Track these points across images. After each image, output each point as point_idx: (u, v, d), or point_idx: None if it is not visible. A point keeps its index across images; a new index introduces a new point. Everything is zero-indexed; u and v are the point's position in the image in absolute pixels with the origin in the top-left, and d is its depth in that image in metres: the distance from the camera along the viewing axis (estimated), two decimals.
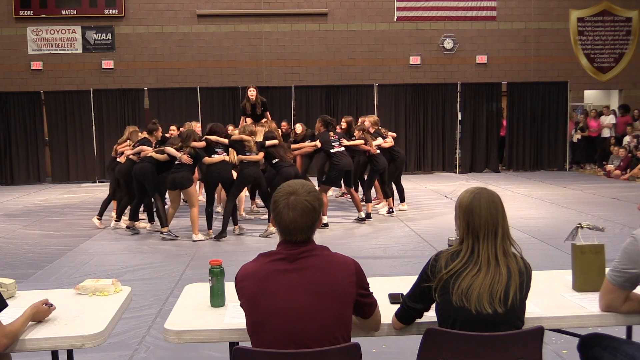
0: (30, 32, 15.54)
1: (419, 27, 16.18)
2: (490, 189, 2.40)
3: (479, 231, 2.30)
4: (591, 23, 16.46)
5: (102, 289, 2.88)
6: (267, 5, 15.87)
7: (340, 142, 8.59)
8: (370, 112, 15.30)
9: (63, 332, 2.42)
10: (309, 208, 2.15)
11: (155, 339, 4.33)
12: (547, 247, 7.04)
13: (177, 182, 7.67)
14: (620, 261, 2.44)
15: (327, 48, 16.09)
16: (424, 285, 2.35)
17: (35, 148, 15.01)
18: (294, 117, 15.07)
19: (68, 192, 13.17)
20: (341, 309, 2.15)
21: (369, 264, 5.87)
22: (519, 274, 2.29)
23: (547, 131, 15.86)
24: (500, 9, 16.25)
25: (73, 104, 15.02)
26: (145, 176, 7.85)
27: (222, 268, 2.72)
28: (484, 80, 16.09)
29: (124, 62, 15.75)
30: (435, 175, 15.34)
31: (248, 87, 10.25)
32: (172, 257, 6.94)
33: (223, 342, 2.52)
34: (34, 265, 6.63)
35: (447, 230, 6.87)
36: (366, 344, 2.56)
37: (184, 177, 7.65)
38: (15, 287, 2.91)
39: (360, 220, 8.76)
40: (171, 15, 15.75)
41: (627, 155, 13.90)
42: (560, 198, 10.75)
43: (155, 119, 10.33)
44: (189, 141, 7.78)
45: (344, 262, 2.21)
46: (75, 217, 9.73)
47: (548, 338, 3.73)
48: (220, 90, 15.34)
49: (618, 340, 2.54)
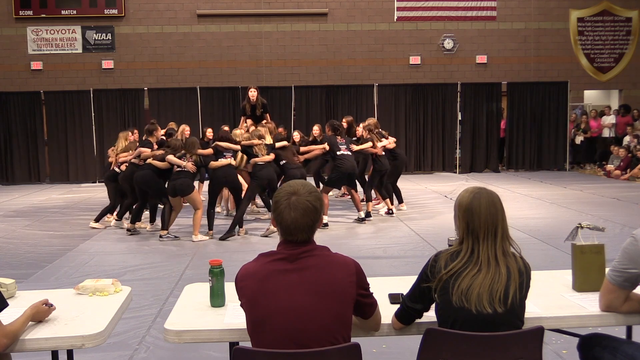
0: (30, 32, 15.54)
1: (419, 27, 16.19)
2: (489, 189, 2.40)
3: (478, 231, 2.30)
4: (591, 23, 16.46)
5: (102, 289, 2.88)
6: (267, 5, 15.87)
7: (350, 147, 8.59)
8: (370, 112, 15.33)
9: (63, 332, 2.42)
10: (310, 208, 2.15)
11: (155, 339, 4.33)
12: (547, 247, 7.04)
13: (178, 189, 7.65)
14: (620, 261, 2.44)
15: (327, 48, 16.09)
16: (423, 285, 2.35)
17: (35, 148, 15.01)
18: (294, 118, 15.09)
19: (68, 192, 13.17)
20: (341, 309, 2.15)
21: (369, 264, 5.87)
22: (518, 273, 2.29)
23: (547, 131, 15.87)
24: (500, 9, 16.25)
25: (73, 104, 15.03)
26: (147, 184, 7.85)
27: (222, 268, 2.72)
28: (484, 80, 16.09)
29: (124, 62, 15.75)
30: (435, 175, 15.34)
31: (249, 88, 10.15)
32: (172, 257, 6.94)
33: (223, 342, 2.52)
34: (34, 265, 6.63)
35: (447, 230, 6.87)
36: (366, 344, 2.56)
37: (184, 183, 7.61)
38: (15, 287, 2.91)
39: (360, 220, 8.76)
40: (171, 15, 15.76)
41: (627, 155, 13.90)
42: (560, 198, 10.75)
43: (153, 119, 10.33)
44: (193, 149, 7.76)
45: (344, 262, 2.21)
46: (75, 217, 9.73)
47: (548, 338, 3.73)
48: (220, 90, 15.34)
49: (618, 340, 2.54)
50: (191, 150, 7.75)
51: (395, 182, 9.64)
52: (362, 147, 8.81)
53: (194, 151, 7.74)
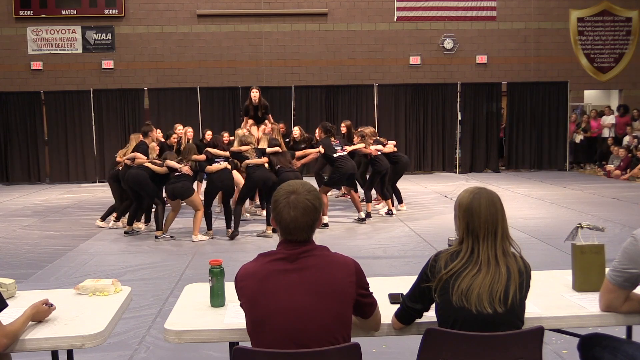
0: (30, 32, 15.54)
1: (419, 27, 16.18)
2: (489, 189, 2.40)
3: (478, 231, 2.30)
4: (591, 23, 16.46)
5: (102, 289, 2.88)
6: (267, 5, 15.87)
7: (343, 148, 8.66)
8: (370, 112, 15.35)
9: (63, 332, 2.42)
10: (310, 207, 2.15)
11: (155, 339, 4.33)
12: (547, 247, 7.04)
13: (177, 193, 7.76)
14: (620, 261, 2.44)
15: (327, 48, 16.09)
16: (423, 285, 2.35)
17: (35, 148, 15.01)
18: (294, 117, 15.08)
19: (68, 192, 13.16)
20: (341, 309, 2.15)
21: (369, 264, 5.88)
22: (518, 273, 2.29)
23: (547, 131, 15.86)
24: (500, 9, 16.25)
25: (73, 104, 15.02)
26: (139, 184, 7.90)
27: (222, 268, 2.72)
28: (484, 80, 16.09)
29: (124, 62, 15.75)
30: (435, 175, 15.34)
31: (251, 88, 10.11)
32: (172, 257, 6.94)
33: (223, 342, 2.52)
34: (34, 265, 6.63)
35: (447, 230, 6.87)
36: (366, 344, 2.56)
37: (183, 187, 7.72)
38: (15, 287, 2.91)
39: (360, 220, 8.77)
40: (171, 15, 15.75)
41: (627, 155, 13.90)
42: (560, 198, 10.75)
43: (148, 120, 10.32)
44: (190, 155, 7.97)
45: (344, 262, 2.21)
46: (75, 217, 9.73)
47: (548, 338, 3.73)
48: (220, 90, 15.34)
49: (618, 340, 2.54)
50: (187, 156, 7.97)
51: (395, 183, 9.66)
52: (354, 148, 8.90)
53: (189, 157, 7.95)
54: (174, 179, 7.79)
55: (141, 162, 8.02)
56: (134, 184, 7.94)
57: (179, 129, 9.68)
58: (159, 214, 7.95)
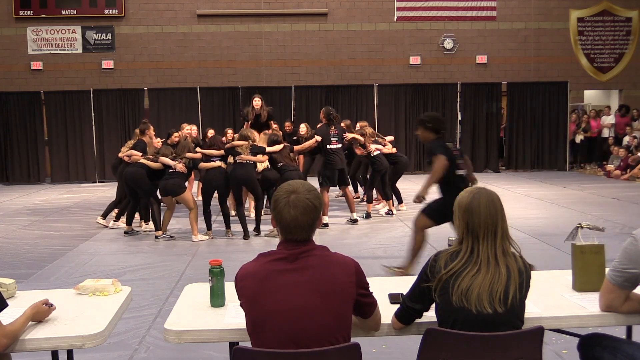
0: (30, 32, 15.54)
1: (419, 27, 16.18)
2: (489, 189, 2.40)
3: (478, 231, 2.30)
4: (591, 23, 16.46)
5: (102, 289, 2.88)
6: (267, 5, 15.87)
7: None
8: (370, 112, 15.35)
9: (63, 332, 2.42)
10: (310, 206, 2.15)
11: (155, 339, 4.33)
12: (547, 247, 7.04)
13: (169, 189, 7.75)
14: (620, 261, 2.44)
15: (327, 48, 16.09)
16: (423, 285, 2.35)
17: (35, 148, 15.01)
18: (294, 117, 15.07)
19: (68, 192, 13.16)
20: (341, 309, 2.15)
21: (369, 264, 5.88)
22: (518, 273, 2.29)
23: (547, 131, 15.86)
24: (500, 9, 16.25)
25: (73, 104, 15.02)
26: (136, 182, 7.93)
27: (222, 268, 2.72)
28: (483, 80, 16.09)
29: (124, 62, 15.75)
30: None
31: (253, 97, 10.06)
32: (172, 257, 6.94)
33: (223, 342, 2.52)
34: (34, 265, 6.63)
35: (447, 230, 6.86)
36: (366, 344, 2.56)
37: (175, 184, 7.72)
38: (15, 287, 2.91)
39: (352, 221, 8.74)
40: (171, 15, 15.75)
41: (627, 155, 13.90)
42: (560, 198, 10.75)
43: (145, 119, 10.34)
44: (183, 152, 7.97)
45: (343, 262, 2.21)
46: (75, 217, 9.73)
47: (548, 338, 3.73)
48: (220, 90, 15.34)
49: (618, 340, 2.54)
50: (180, 154, 7.97)
51: (394, 183, 9.66)
52: (355, 136, 8.98)
53: (183, 155, 7.95)
54: (167, 175, 7.83)
55: (137, 159, 8.08)
56: (131, 181, 7.96)
57: (187, 129, 9.73)
58: (156, 213, 7.98)
